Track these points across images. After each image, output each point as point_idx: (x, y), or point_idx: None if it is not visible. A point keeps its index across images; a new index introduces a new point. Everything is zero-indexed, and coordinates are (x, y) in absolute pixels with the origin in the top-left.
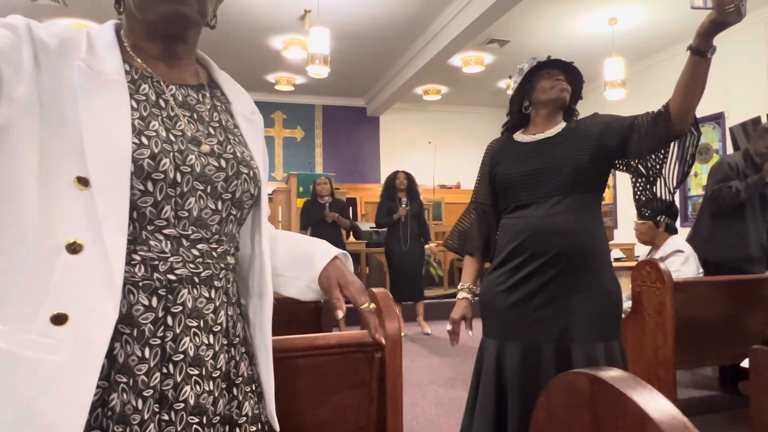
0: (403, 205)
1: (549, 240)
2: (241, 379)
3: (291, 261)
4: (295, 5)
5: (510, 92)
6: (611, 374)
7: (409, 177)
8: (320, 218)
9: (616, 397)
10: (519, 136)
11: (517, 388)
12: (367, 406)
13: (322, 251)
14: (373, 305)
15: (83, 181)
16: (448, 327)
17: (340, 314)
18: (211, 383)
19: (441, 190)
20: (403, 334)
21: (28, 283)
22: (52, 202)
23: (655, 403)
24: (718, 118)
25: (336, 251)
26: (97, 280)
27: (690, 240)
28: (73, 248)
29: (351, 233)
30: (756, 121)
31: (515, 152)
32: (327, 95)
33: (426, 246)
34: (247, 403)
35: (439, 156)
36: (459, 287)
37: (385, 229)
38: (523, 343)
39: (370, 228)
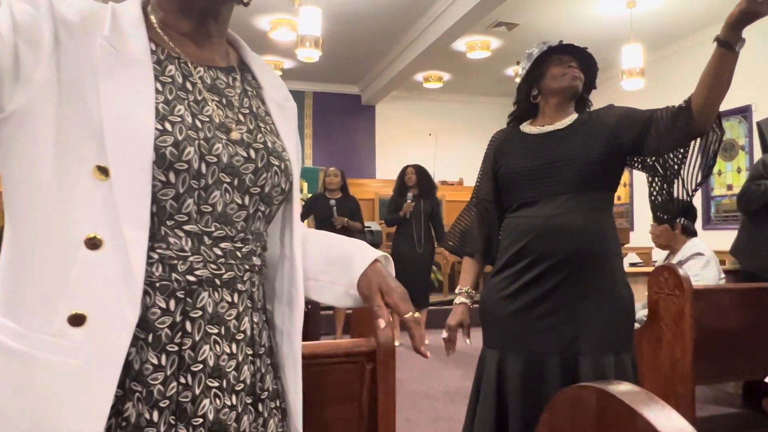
0: (408, 201)
1: (556, 242)
2: (266, 393)
3: (326, 263)
4: None
5: (518, 80)
6: (621, 388)
7: (419, 172)
8: (326, 215)
9: (626, 413)
10: (526, 127)
11: (519, 402)
12: (356, 422)
13: (361, 252)
14: (417, 314)
15: (103, 171)
16: (444, 334)
17: (383, 323)
18: (233, 397)
19: (442, 187)
20: (398, 344)
21: (45, 280)
22: (70, 192)
23: (668, 421)
24: (744, 112)
25: (377, 253)
26: (117, 278)
27: (732, 248)
28: (93, 243)
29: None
30: None
31: (521, 144)
32: (318, 81)
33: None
34: (272, 421)
35: (440, 149)
36: (457, 291)
37: (379, 230)
38: (526, 355)
39: (365, 228)
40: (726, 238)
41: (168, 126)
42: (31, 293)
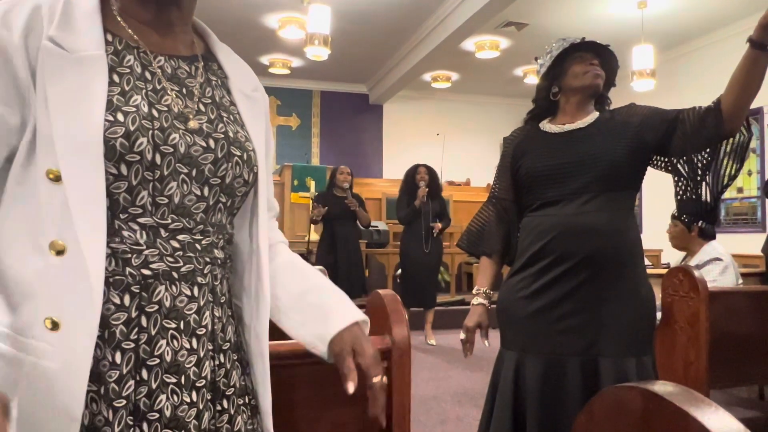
0: (421, 186)
1: (578, 241)
2: (232, 390)
3: (302, 303)
4: None
5: (527, 80)
6: (668, 389)
7: (431, 172)
8: (338, 212)
9: (675, 415)
10: (546, 126)
11: (538, 405)
12: (370, 422)
13: (343, 310)
14: (385, 378)
15: (56, 175)
16: (462, 336)
17: (352, 388)
18: (193, 394)
19: (449, 187)
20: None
21: (22, 286)
22: (30, 198)
23: (720, 422)
24: (756, 114)
25: (357, 316)
26: (81, 282)
27: (764, 247)
28: (57, 249)
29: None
30: None
31: (542, 143)
32: (326, 80)
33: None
34: (239, 418)
35: (448, 149)
36: (474, 292)
37: (386, 229)
38: (546, 356)
39: (371, 227)
40: (736, 241)
41: (120, 116)
42: (12, 297)
